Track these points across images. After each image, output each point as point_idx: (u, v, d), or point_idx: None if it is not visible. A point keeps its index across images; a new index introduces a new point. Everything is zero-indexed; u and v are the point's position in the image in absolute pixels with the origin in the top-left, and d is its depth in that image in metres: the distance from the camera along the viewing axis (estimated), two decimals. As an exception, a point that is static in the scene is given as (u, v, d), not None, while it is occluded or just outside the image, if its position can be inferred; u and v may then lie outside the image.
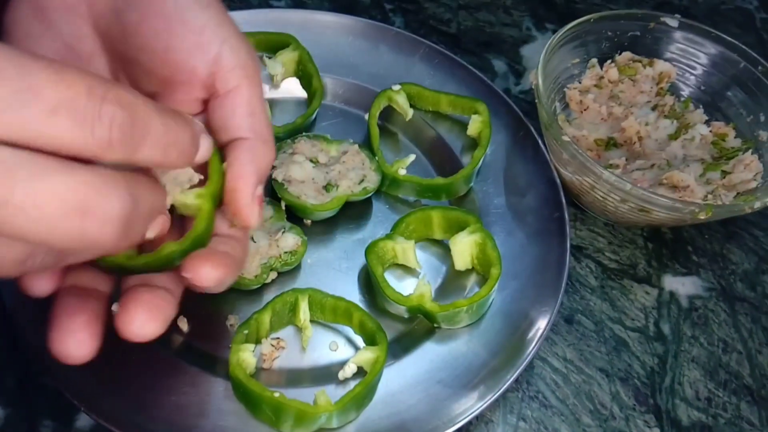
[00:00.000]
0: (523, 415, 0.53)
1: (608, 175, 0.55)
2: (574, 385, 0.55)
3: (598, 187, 0.58)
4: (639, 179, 0.61)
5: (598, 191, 0.58)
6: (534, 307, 0.53)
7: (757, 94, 0.65)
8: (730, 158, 0.63)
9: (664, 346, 0.57)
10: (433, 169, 0.64)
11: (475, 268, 0.56)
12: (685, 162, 0.63)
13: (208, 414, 0.47)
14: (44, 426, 0.49)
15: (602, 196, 0.58)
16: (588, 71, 0.68)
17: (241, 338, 0.48)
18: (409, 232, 0.57)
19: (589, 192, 0.59)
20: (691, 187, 0.60)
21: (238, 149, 0.41)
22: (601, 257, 0.62)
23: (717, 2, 0.87)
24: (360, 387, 0.46)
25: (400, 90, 0.65)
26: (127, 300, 0.37)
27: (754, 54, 0.65)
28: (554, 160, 0.61)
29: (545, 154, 0.62)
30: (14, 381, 0.51)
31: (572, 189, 0.62)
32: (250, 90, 0.42)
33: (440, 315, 0.51)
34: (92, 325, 0.37)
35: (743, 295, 0.61)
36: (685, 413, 0.54)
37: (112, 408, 0.46)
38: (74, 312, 0.37)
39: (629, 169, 0.62)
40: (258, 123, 0.42)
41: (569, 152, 0.56)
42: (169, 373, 0.49)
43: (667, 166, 0.62)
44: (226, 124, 0.41)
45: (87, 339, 0.36)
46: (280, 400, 0.45)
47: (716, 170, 0.62)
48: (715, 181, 0.62)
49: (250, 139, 0.41)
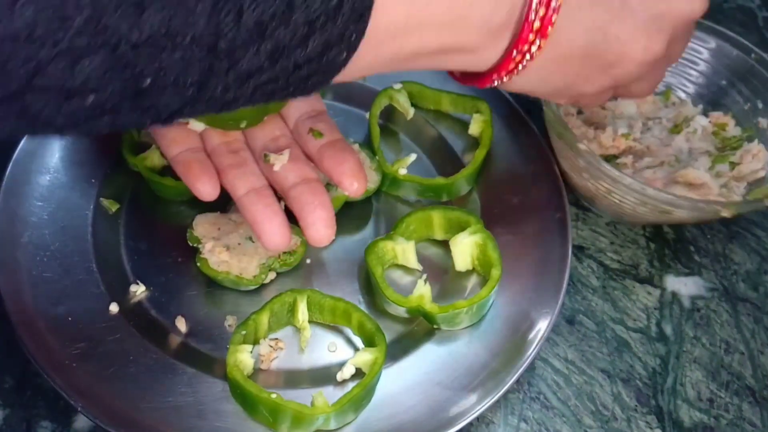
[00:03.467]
0: (525, 416, 0.53)
1: (630, 181, 0.54)
2: (575, 386, 0.54)
3: (615, 191, 0.57)
4: (651, 178, 0.61)
5: (615, 195, 0.58)
6: (535, 309, 0.53)
7: (753, 82, 0.65)
8: (734, 148, 0.63)
9: (666, 346, 0.57)
10: (434, 168, 0.63)
11: (475, 269, 0.56)
12: (692, 156, 0.63)
13: (206, 415, 0.46)
14: (42, 427, 0.49)
15: (619, 200, 0.58)
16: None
17: (239, 339, 0.48)
18: (410, 233, 0.56)
19: (606, 197, 0.59)
20: (707, 184, 0.59)
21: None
22: (603, 257, 0.62)
23: (719, 0, 0.87)
24: (358, 388, 0.46)
25: (402, 89, 0.65)
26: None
27: (745, 42, 0.65)
28: (565, 165, 0.61)
29: (548, 153, 0.61)
30: (12, 382, 0.51)
31: (586, 193, 0.62)
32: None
33: (440, 316, 0.51)
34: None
35: (745, 296, 0.61)
36: (687, 414, 0.54)
37: (109, 408, 0.46)
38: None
39: (638, 168, 0.62)
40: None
41: (586, 160, 0.56)
42: (167, 373, 0.48)
43: (676, 162, 0.62)
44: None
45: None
46: (277, 401, 0.44)
47: (724, 162, 0.62)
48: (725, 173, 0.61)
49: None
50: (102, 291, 0.52)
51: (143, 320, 0.51)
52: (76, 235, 0.54)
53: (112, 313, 0.51)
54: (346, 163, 0.48)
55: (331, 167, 0.48)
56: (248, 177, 0.48)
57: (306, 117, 0.51)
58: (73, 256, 0.53)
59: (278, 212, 0.46)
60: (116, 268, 0.54)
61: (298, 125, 0.50)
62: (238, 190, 0.47)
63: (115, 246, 0.55)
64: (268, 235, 0.45)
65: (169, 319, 0.52)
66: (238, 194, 0.47)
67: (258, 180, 0.48)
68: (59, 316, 0.49)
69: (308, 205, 0.46)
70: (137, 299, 0.52)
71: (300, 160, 0.49)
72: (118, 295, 0.52)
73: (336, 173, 0.48)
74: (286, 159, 0.48)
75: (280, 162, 0.48)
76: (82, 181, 0.57)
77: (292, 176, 0.48)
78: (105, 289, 0.52)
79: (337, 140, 0.50)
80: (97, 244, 0.54)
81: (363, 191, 0.48)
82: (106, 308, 0.51)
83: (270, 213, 0.46)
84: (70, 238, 0.54)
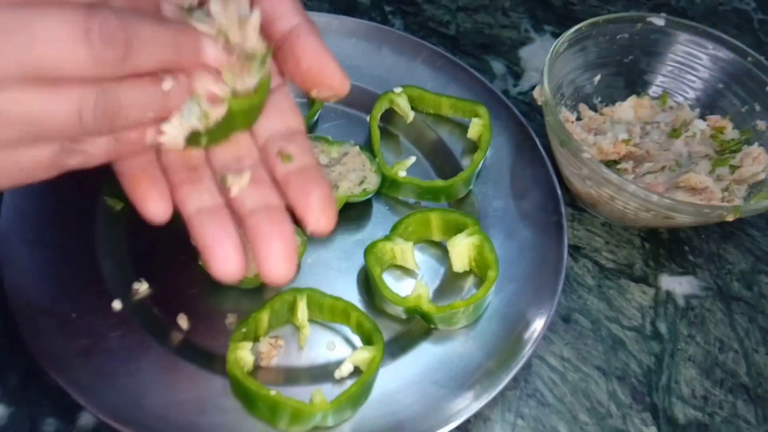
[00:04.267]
0: (521, 413, 0.53)
1: (634, 188, 0.55)
2: (571, 383, 0.55)
3: (619, 198, 0.58)
4: (653, 184, 0.61)
5: (618, 202, 0.58)
6: (531, 309, 0.53)
7: (749, 85, 0.65)
8: (733, 151, 0.64)
9: (660, 344, 0.58)
10: (433, 171, 0.64)
11: (472, 270, 0.57)
12: (692, 159, 0.63)
13: (207, 411, 0.47)
14: (47, 424, 0.50)
15: (622, 206, 0.59)
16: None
17: (240, 336, 0.49)
18: (408, 234, 0.57)
19: (609, 203, 0.60)
20: (710, 188, 0.60)
21: (302, 31, 0.41)
22: (599, 257, 0.63)
23: (715, 3, 0.88)
24: (356, 386, 0.46)
25: (402, 92, 0.66)
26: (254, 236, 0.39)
27: (741, 45, 0.66)
28: (567, 172, 0.62)
29: (544, 157, 0.62)
30: (17, 380, 0.51)
31: (588, 200, 0.63)
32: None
33: (437, 316, 0.52)
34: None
35: (740, 295, 0.62)
36: (682, 411, 0.54)
37: (111, 404, 0.46)
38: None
39: (639, 173, 0.63)
40: (302, 8, 0.42)
41: (589, 168, 0.57)
42: (169, 370, 0.49)
43: (677, 167, 0.62)
44: (277, 12, 0.41)
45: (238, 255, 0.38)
46: (276, 398, 0.45)
47: (724, 165, 0.63)
48: (725, 176, 0.62)
49: (305, 22, 0.41)
50: (105, 288, 0.52)
51: (146, 317, 0.52)
52: (81, 233, 0.55)
53: (115, 310, 0.51)
54: (313, 193, 0.39)
55: (296, 198, 0.40)
56: (201, 194, 0.40)
57: (278, 136, 0.42)
58: (77, 253, 0.54)
59: (232, 235, 0.39)
60: (120, 265, 0.54)
61: (268, 145, 0.42)
62: (188, 207, 0.39)
63: (118, 244, 0.56)
64: (217, 262, 0.38)
65: (171, 317, 0.52)
66: (187, 212, 0.39)
67: (212, 198, 0.40)
68: (63, 313, 0.50)
69: (264, 235, 0.38)
70: (140, 296, 0.53)
71: (263, 184, 0.41)
72: (121, 292, 0.52)
73: (300, 205, 0.40)
74: (245, 182, 0.40)
75: (238, 185, 0.40)
76: (87, 180, 0.58)
77: (251, 201, 0.40)
78: (108, 287, 0.52)
79: (308, 166, 0.41)
80: (101, 241, 0.55)
81: (330, 229, 0.39)
82: (109, 305, 0.51)
83: (222, 235, 0.38)
84: (75, 235, 0.55)
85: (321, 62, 0.41)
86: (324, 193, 0.40)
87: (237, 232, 0.39)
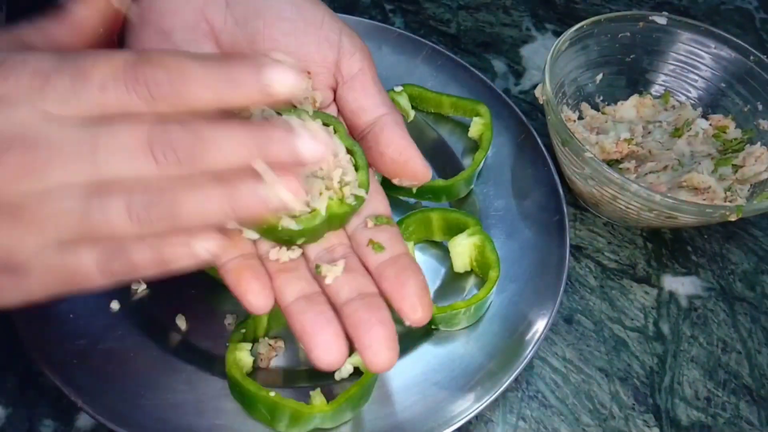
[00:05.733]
0: (523, 414, 0.53)
1: (636, 188, 0.54)
2: (573, 384, 0.55)
3: (621, 197, 0.57)
4: (655, 183, 0.61)
5: (621, 201, 0.58)
6: (532, 310, 0.53)
7: (752, 84, 0.65)
8: (735, 150, 0.63)
9: (663, 345, 0.57)
10: (434, 170, 0.64)
11: (474, 270, 0.56)
12: (695, 159, 0.63)
13: (205, 412, 0.47)
14: (45, 426, 0.49)
15: (625, 206, 0.58)
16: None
17: (239, 337, 0.48)
18: (409, 234, 0.57)
19: (611, 202, 0.59)
20: (712, 188, 0.60)
21: (387, 122, 0.45)
22: (601, 257, 0.62)
23: (717, 2, 0.87)
24: (355, 387, 0.46)
25: (402, 91, 0.65)
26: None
27: (743, 44, 0.65)
28: (569, 172, 0.61)
29: (546, 157, 0.62)
30: (15, 381, 0.51)
31: (590, 199, 0.62)
32: (372, 71, 0.46)
33: (438, 317, 0.51)
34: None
35: (742, 295, 0.61)
36: (685, 413, 0.54)
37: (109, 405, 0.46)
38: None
39: (641, 173, 0.62)
40: (387, 98, 0.46)
41: (592, 167, 0.56)
42: (167, 371, 0.49)
43: (680, 166, 0.62)
44: (362, 104, 0.45)
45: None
46: (276, 399, 0.45)
47: (727, 165, 0.62)
48: (728, 176, 0.62)
49: (390, 113, 0.45)
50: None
51: (144, 318, 0.52)
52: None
53: (113, 310, 0.51)
54: (408, 283, 0.40)
55: (392, 289, 0.41)
56: (299, 282, 0.41)
57: (364, 225, 0.45)
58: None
59: (332, 320, 0.39)
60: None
61: (356, 234, 0.44)
62: (287, 296, 0.40)
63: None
64: (320, 349, 0.37)
65: (170, 317, 0.52)
66: (285, 301, 0.40)
67: (309, 286, 0.41)
68: (61, 314, 0.50)
69: (364, 322, 0.38)
70: (138, 297, 0.53)
71: (356, 272, 0.42)
72: (119, 292, 0.52)
73: (397, 297, 0.40)
74: (340, 271, 0.41)
75: (333, 274, 0.41)
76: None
77: (347, 290, 0.40)
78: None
79: (400, 255, 0.42)
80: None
81: (427, 320, 0.40)
82: (107, 306, 0.51)
83: (323, 321, 0.38)
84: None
85: (405, 155, 0.44)
86: (419, 283, 0.41)
87: (336, 319, 0.39)
